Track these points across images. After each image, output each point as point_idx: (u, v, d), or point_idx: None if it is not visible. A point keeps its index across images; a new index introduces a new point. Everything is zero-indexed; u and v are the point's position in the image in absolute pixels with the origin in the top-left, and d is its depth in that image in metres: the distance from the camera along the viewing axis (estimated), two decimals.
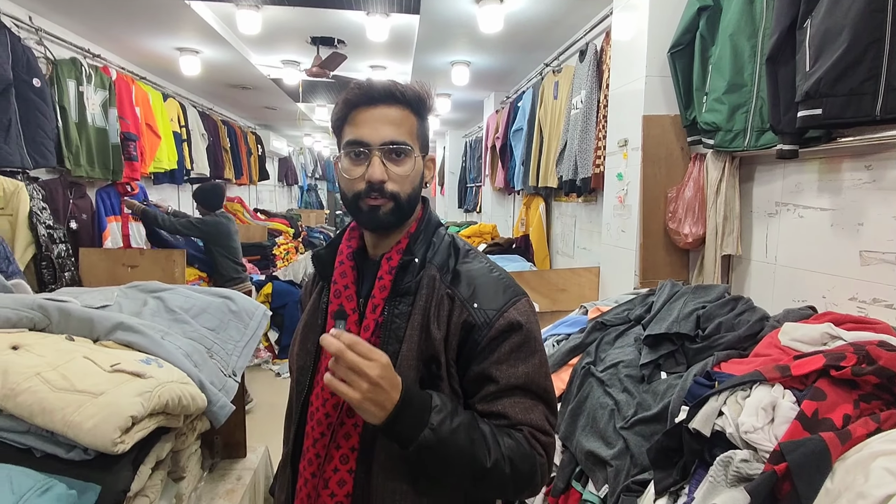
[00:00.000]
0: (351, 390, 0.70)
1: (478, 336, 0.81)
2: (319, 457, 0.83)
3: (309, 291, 0.98)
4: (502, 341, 0.81)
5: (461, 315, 0.82)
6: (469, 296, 0.83)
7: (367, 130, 0.82)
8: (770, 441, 0.88)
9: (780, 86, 1.50)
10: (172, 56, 4.06)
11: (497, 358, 0.81)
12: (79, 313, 1.30)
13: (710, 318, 1.33)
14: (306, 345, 0.91)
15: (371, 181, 0.81)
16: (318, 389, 0.85)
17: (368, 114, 0.83)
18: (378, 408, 0.71)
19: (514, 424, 0.80)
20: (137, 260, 3.24)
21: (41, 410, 0.97)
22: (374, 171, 0.81)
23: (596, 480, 1.25)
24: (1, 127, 2.61)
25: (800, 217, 1.66)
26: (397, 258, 0.86)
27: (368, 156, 0.82)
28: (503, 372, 0.80)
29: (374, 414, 0.71)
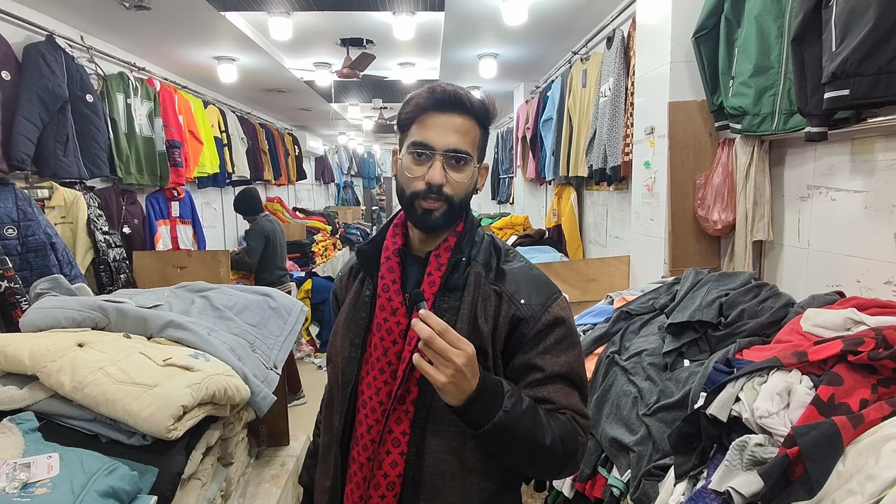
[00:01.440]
0: (438, 373, 0.75)
1: (525, 329, 0.88)
2: (374, 442, 0.88)
3: (345, 286, 1.02)
4: (548, 334, 0.88)
5: (509, 310, 0.88)
6: (514, 292, 0.90)
7: (433, 134, 0.87)
8: (785, 426, 0.89)
9: (807, 67, 1.47)
10: (210, 65, 4.24)
11: (543, 349, 0.88)
12: (134, 313, 1.43)
13: (732, 305, 1.33)
14: (349, 337, 0.96)
15: (431, 183, 0.87)
16: (370, 379, 0.90)
17: (437, 119, 0.88)
18: (459, 391, 0.77)
19: (558, 408, 0.87)
20: (186, 261, 3.43)
21: (105, 401, 1.09)
22: (434, 173, 0.86)
23: (620, 466, 1.28)
24: (59, 141, 2.82)
25: (832, 200, 1.62)
26: (446, 255, 0.91)
27: (430, 158, 0.87)
28: (548, 361, 0.87)
29: (454, 396, 0.77)
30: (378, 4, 3.19)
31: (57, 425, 1.12)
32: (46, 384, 1.13)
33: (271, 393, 1.55)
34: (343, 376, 0.95)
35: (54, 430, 1.10)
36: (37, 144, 2.69)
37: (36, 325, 1.34)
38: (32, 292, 1.55)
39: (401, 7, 3.24)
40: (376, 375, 0.89)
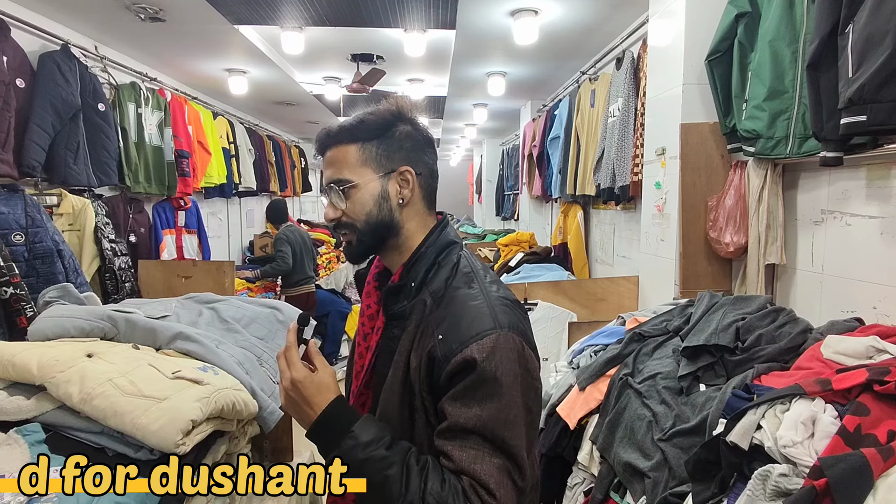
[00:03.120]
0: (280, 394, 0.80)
1: (438, 369, 0.77)
2: None
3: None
4: (459, 379, 0.75)
5: (428, 344, 0.79)
6: (437, 325, 0.79)
7: (322, 178, 0.90)
8: (810, 456, 0.87)
9: (822, 92, 1.48)
10: (221, 77, 4.28)
11: (452, 395, 0.76)
12: (143, 324, 1.41)
13: (749, 329, 1.32)
14: (353, 357, 0.98)
15: (327, 220, 0.89)
16: (353, 388, 0.93)
17: (324, 161, 0.89)
18: (297, 416, 0.79)
19: (456, 471, 0.74)
20: (191, 271, 3.41)
21: (113, 413, 1.07)
22: (326, 211, 0.89)
23: (634, 492, 1.26)
24: (70, 149, 2.83)
25: (847, 225, 1.61)
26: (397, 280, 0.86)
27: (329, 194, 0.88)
28: (455, 410, 0.75)
29: (298, 422, 0.80)
30: (390, 21, 3.23)
31: (63, 437, 1.10)
32: (54, 395, 1.11)
33: (278, 408, 1.53)
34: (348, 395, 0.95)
35: (60, 442, 1.08)
36: (48, 152, 2.70)
37: (44, 333, 1.32)
38: (41, 300, 1.54)
39: (412, 24, 3.28)
40: (353, 398, 0.91)
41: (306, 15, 3.10)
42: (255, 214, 6.35)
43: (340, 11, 3.04)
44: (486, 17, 3.00)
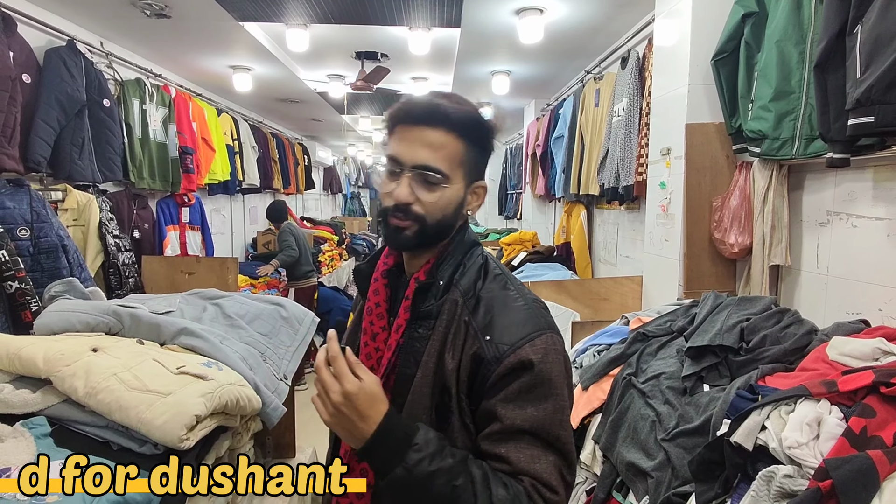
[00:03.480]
0: (322, 409, 0.70)
1: (486, 371, 0.75)
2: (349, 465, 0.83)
3: (354, 306, 0.97)
4: (512, 380, 0.74)
5: (472, 346, 0.77)
6: (483, 326, 0.78)
7: (403, 149, 0.79)
8: (815, 457, 0.87)
9: (830, 93, 1.47)
10: (226, 73, 4.28)
11: (504, 396, 0.74)
12: (147, 319, 1.42)
13: (754, 330, 1.31)
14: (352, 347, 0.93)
15: (396, 200, 0.79)
16: None
17: (408, 132, 0.79)
18: (346, 433, 0.70)
19: (515, 472, 0.72)
20: (194, 267, 3.42)
21: (118, 407, 1.07)
22: (400, 191, 0.78)
23: (636, 492, 1.26)
24: (76, 145, 2.83)
25: (853, 227, 1.60)
26: (424, 279, 0.83)
27: (398, 175, 0.79)
28: (509, 412, 0.73)
29: (346, 438, 0.72)
30: (395, 19, 3.22)
31: (68, 431, 1.10)
32: (60, 389, 1.11)
33: (281, 404, 1.54)
34: None
35: (66, 436, 1.08)
36: (53, 147, 2.71)
37: (50, 327, 1.33)
38: (46, 295, 1.54)
39: (417, 22, 3.27)
40: None
41: (311, 12, 3.10)
42: (258, 211, 6.35)
43: (345, 9, 3.04)
44: (492, 15, 2.99)
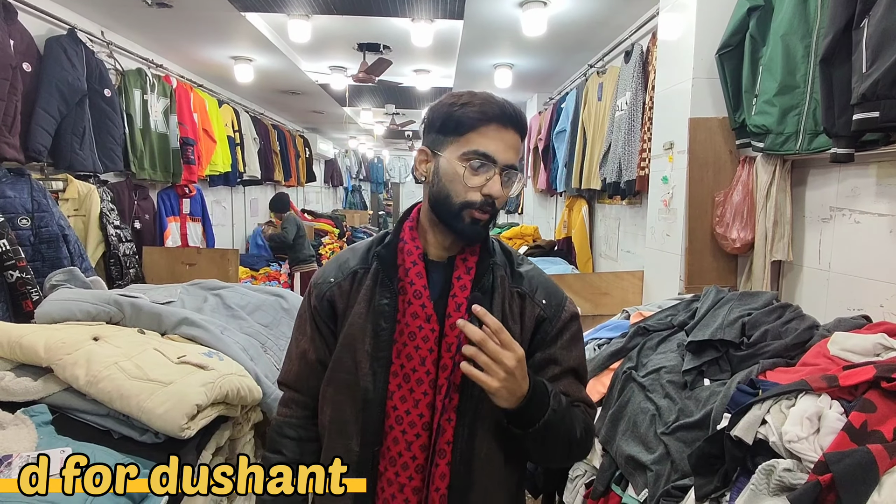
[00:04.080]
0: (490, 378, 0.77)
1: (548, 327, 0.92)
2: (416, 458, 0.87)
3: (347, 293, 0.94)
4: (565, 331, 0.93)
5: (534, 310, 0.92)
6: (535, 293, 0.93)
7: (497, 147, 0.85)
8: (815, 451, 0.87)
9: (835, 88, 1.46)
10: (227, 64, 4.26)
11: (560, 345, 0.93)
12: (149, 309, 1.42)
13: (755, 325, 1.31)
14: (367, 350, 0.89)
15: (490, 195, 0.85)
16: (404, 392, 0.87)
17: (502, 133, 0.86)
18: (510, 394, 0.79)
19: (573, 401, 0.92)
20: (195, 258, 3.43)
21: (119, 396, 1.07)
22: (495, 187, 0.85)
23: (635, 485, 1.26)
24: (76, 134, 2.83)
25: (856, 222, 1.60)
26: (473, 259, 0.92)
27: (488, 170, 0.85)
28: (564, 356, 0.93)
29: (506, 399, 0.79)
30: (397, 11, 3.20)
31: (70, 419, 1.11)
32: (61, 377, 1.12)
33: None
34: (363, 395, 0.88)
35: (67, 424, 1.09)
36: (54, 136, 2.70)
37: (51, 316, 1.33)
38: (47, 284, 1.55)
39: (420, 14, 3.25)
40: (413, 387, 0.87)
41: (313, 3, 3.08)
42: (259, 203, 6.35)
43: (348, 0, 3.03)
44: (495, 7, 2.97)
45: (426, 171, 0.91)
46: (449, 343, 0.87)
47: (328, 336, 0.95)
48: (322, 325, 0.95)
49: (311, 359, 0.96)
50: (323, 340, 0.96)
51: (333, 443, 0.93)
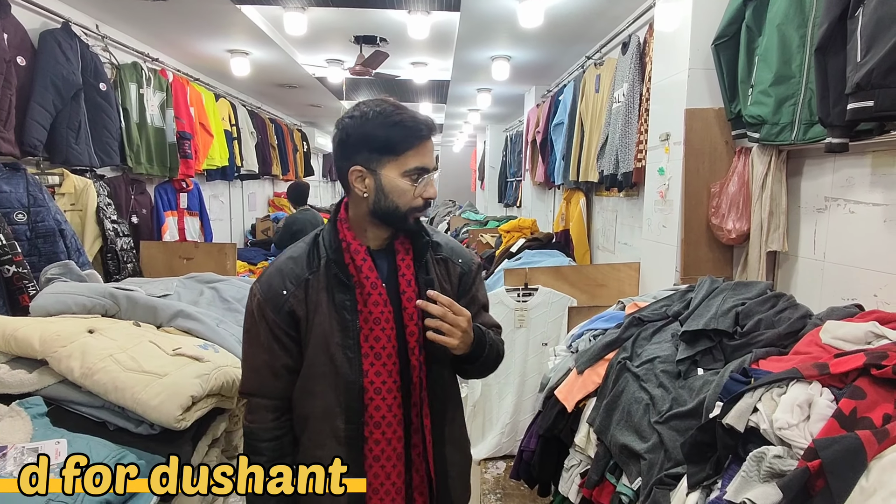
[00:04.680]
0: (451, 339, 0.98)
1: (467, 279, 1.15)
2: (396, 417, 1.04)
3: (303, 300, 1.03)
4: (477, 278, 1.18)
5: (455, 270, 1.14)
6: (450, 256, 1.14)
7: (429, 159, 1.03)
8: (805, 438, 0.88)
9: (830, 77, 1.45)
10: (224, 58, 4.24)
11: (475, 289, 1.17)
12: (144, 301, 1.42)
13: (749, 315, 1.32)
14: (339, 343, 1.02)
15: (431, 197, 1.04)
16: (378, 368, 1.02)
17: (428, 145, 1.02)
18: (465, 345, 1.01)
19: (490, 327, 1.17)
20: (192, 252, 3.42)
21: (114, 388, 1.08)
22: (432, 189, 1.04)
23: (629, 473, 1.27)
24: (72, 128, 2.81)
25: (851, 213, 1.60)
26: (408, 241, 1.09)
27: (425, 179, 1.02)
28: (478, 297, 1.18)
29: (461, 349, 1.01)
30: (394, 3, 3.19)
31: (65, 411, 1.11)
32: (56, 369, 1.12)
33: None
34: (343, 380, 1.02)
35: (62, 416, 1.09)
36: (49, 131, 2.69)
37: (46, 309, 1.33)
38: (43, 277, 1.55)
39: (416, 6, 3.24)
40: (385, 361, 1.03)
41: None
42: (256, 198, 6.34)
43: None
44: None
45: (366, 187, 1.01)
46: (410, 313, 1.04)
47: (289, 343, 1.04)
48: (282, 334, 1.04)
49: (275, 366, 1.05)
50: (284, 348, 1.04)
51: (319, 426, 1.04)
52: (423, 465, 1.08)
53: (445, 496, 1.11)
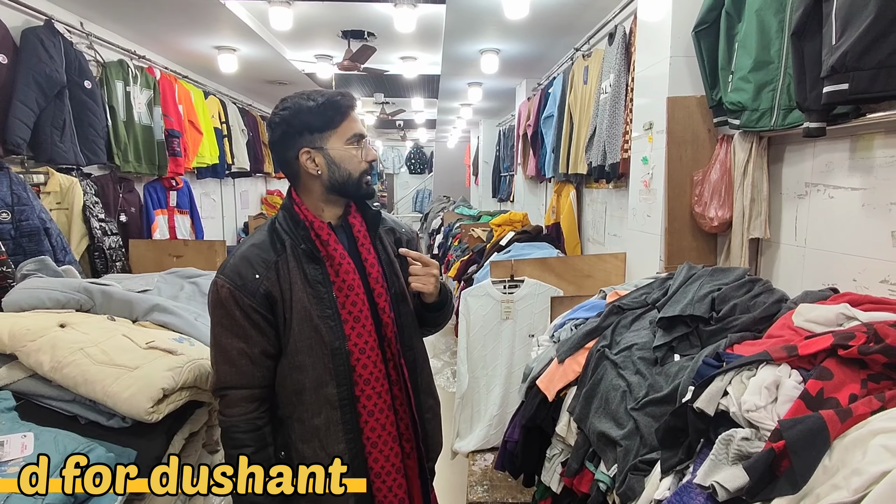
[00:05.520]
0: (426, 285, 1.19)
1: (412, 245, 1.29)
2: (382, 371, 1.16)
3: (277, 282, 1.10)
4: (418, 244, 1.33)
5: (403, 238, 1.30)
6: (396, 226, 1.31)
7: (360, 126, 1.15)
8: (772, 420, 0.87)
9: (807, 61, 1.45)
10: (211, 54, 4.22)
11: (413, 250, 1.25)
12: (119, 296, 1.41)
13: (725, 300, 1.31)
14: (320, 315, 1.11)
15: (373, 160, 1.17)
16: (359, 330, 1.13)
17: (355, 115, 1.15)
18: (435, 290, 1.22)
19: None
20: (182, 250, 3.41)
21: (84, 381, 1.07)
22: (371, 152, 1.17)
23: (606, 460, 1.26)
24: (56, 127, 2.80)
25: (830, 198, 1.60)
26: (358, 216, 1.21)
27: (363, 145, 1.15)
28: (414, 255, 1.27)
29: (433, 294, 1.22)
30: None
31: (35, 405, 1.11)
32: (25, 364, 1.11)
33: None
34: (330, 348, 1.11)
35: (32, 410, 1.09)
36: (33, 129, 2.68)
37: (19, 305, 1.33)
38: (18, 273, 1.54)
39: None
40: (364, 323, 1.13)
41: None
42: (249, 196, 6.32)
43: None
44: None
45: (317, 164, 1.12)
46: (375, 277, 1.17)
47: (266, 326, 1.10)
48: (260, 318, 1.09)
49: (253, 353, 1.10)
50: (261, 332, 1.09)
51: (313, 396, 1.11)
52: (407, 414, 1.19)
53: (426, 437, 1.25)
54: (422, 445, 1.23)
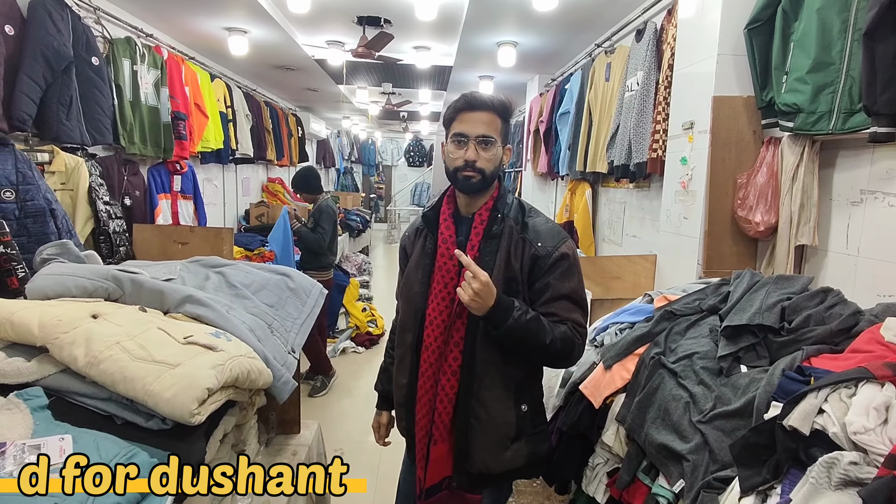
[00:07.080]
0: (463, 294, 1.15)
1: (542, 263, 1.24)
2: (440, 347, 1.25)
3: (412, 242, 1.39)
4: (557, 265, 1.24)
5: (530, 251, 1.24)
6: (534, 238, 1.26)
7: (468, 127, 1.23)
8: (884, 444, 0.82)
9: (878, 63, 1.39)
10: (221, 36, 4.09)
11: (554, 276, 1.24)
12: (150, 285, 1.32)
13: (796, 310, 1.25)
14: (418, 277, 1.32)
15: (467, 160, 1.23)
16: (435, 304, 1.26)
17: (470, 116, 1.24)
18: (479, 306, 1.15)
19: (562, 320, 1.23)
20: (188, 237, 3.29)
21: (123, 378, 0.98)
22: (470, 153, 1.23)
23: (669, 475, 1.20)
24: (63, 103, 2.67)
25: (890, 206, 1.54)
26: (486, 214, 1.28)
27: (467, 143, 1.23)
28: (557, 285, 1.24)
29: (476, 309, 1.16)
30: None
31: (68, 403, 1.01)
32: (57, 357, 1.02)
33: (291, 378, 1.46)
34: (415, 304, 1.30)
35: (65, 409, 0.99)
36: (39, 106, 2.55)
37: (44, 292, 1.23)
38: (38, 257, 1.44)
39: None
40: (439, 302, 1.26)
41: None
42: (250, 183, 6.19)
43: None
44: None
45: (443, 154, 1.30)
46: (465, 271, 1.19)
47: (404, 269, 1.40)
48: (402, 262, 1.43)
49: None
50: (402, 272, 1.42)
51: (400, 334, 1.37)
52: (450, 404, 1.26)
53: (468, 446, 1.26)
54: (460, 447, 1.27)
